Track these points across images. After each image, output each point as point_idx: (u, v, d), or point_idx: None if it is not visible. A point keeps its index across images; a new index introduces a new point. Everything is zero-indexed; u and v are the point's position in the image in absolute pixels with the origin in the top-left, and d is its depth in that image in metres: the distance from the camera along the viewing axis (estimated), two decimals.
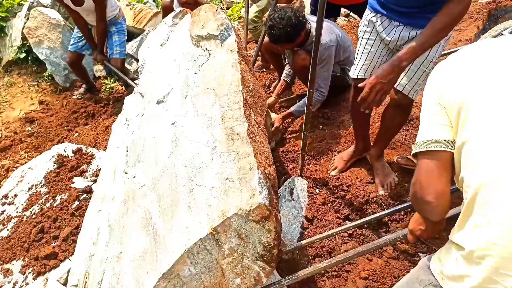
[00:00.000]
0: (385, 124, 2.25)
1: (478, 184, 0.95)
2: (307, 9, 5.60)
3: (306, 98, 2.21)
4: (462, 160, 1.01)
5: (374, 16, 2.06)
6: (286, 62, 3.44)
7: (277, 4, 3.62)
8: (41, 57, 5.02)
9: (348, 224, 1.98)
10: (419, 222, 1.38)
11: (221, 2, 7.73)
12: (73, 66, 4.44)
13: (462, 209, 1.02)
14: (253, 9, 4.22)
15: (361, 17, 2.30)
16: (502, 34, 1.16)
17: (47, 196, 2.76)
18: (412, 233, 1.42)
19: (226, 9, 7.23)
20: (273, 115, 3.12)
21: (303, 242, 1.99)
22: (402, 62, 1.72)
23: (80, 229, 2.23)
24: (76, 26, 4.23)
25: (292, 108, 3.10)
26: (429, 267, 1.11)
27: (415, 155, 1.13)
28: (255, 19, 4.19)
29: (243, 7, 6.58)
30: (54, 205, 2.66)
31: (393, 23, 2.00)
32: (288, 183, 2.47)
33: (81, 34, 4.21)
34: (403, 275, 1.93)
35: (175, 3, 3.98)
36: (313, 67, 1.98)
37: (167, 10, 4.08)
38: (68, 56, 4.38)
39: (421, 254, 1.98)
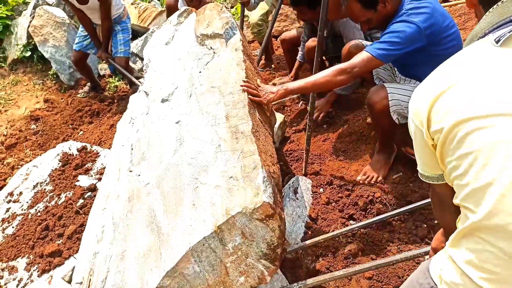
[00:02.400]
0: None
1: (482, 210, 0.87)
2: None
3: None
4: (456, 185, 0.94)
5: None
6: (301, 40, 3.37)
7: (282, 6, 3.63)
8: (46, 55, 5.05)
9: (353, 224, 1.98)
10: (442, 240, 1.39)
11: (225, 0, 7.73)
12: (78, 65, 4.46)
13: (459, 226, 0.97)
14: (258, 12, 4.14)
15: None
16: (486, 34, 1.02)
17: (52, 194, 2.77)
18: (435, 251, 1.43)
19: (231, 7, 7.22)
20: (278, 115, 3.10)
21: (307, 242, 2.00)
22: (283, 86, 1.99)
23: (84, 227, 2.24)
24: (81, 25, 4.25)
25: (338, 90, 3.03)
26: (428, 270, 1.08)
27: None
28: (260, 22, 4.14)
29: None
30: (59, 203, 2.67)
31: None
32: (292, 182, 2.47)
33: (86, 33, 4.22)
34: (407, 275, 1.92)
35: (180, 2, 3.98)
36: (317, 57, 2.09)
37: (171, 9, 4.08)
38: (73, 55, 4.40)
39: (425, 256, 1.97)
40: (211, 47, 2.20)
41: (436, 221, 2.12)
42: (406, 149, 2.36)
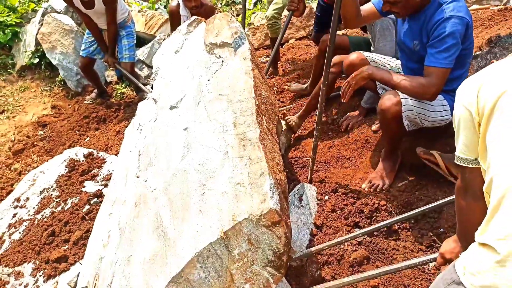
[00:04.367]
0: None
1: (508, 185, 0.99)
2: None
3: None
4: (489, 160, 1.07)
5: None
6: None
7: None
8: (54, 62, 5.10)
9: (358, 231, 1.98)
10: (452, 246, 1.44)
11: (231, 8, 7.79)
12: (85, 71, 4.50)
13: (488, 211, 1.05)
14: (271, 7, 4.22)
15: None
16: None
17: (58, 199, 2.78)
18: (443, 257, 1.45)
19: (236, 15, 7.28)
20: (283, 122, 3.12)
21: (313, 249, 2.00)
22: (369, 69, 2.22)
23: (90, 233, 2.25)
24: (86, 31, 4.30)
25: (362, 104, 3.04)
26: (454, 266, 1.13)
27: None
28: (276, 15, 4.20)
29: (253, 13, 6.63)
30: (65, 208, 2.69)
31: None
32: (297, 189, 2.47)
33: (92, 39, 4.27)
34: (413, 284, 1.91)
35: (181, 8, 4.02)
36: (327, 65, 2.08)
37: (173, 15, 4.13)
38: (80, 61, 4.44)
39: (431, 264, 1.96)
40: (220, 56, 2.22)
41: (442, 229, 2.12)
42: (420, 153, 2.34)
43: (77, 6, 3.93)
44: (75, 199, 2.73)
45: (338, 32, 4.50)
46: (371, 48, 3.00)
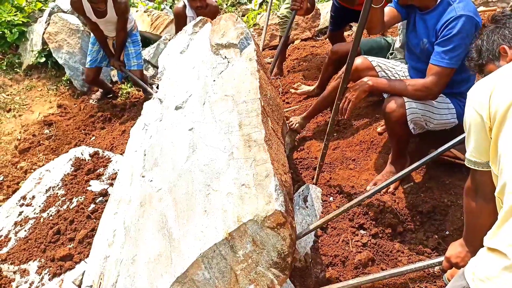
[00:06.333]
0: None
1: None
2: (322, 17, 5.63)
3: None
4: (502, 166, 1.06)
5: None
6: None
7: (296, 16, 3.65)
8: (60, 61, 5.13)
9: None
10: (458, 251, 1.44)
11: (236, 9, 7.80)
12: (92, 82, 4.60)
13: (500, 216, 1.04)
14: (284, 6, 4.26)
15: None
16: None
17: (64, 198, 2.80)
18: (448, 261, 1.45)
19: (242, 16, 7.28)
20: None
21: (311, 226, 2.00)
22: (369, 81, 2.18)
23: (95, 232, 2.26)
24: (90, 42, 4.39)
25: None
26: (463, 273, 1.12)
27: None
28: (288, 14, 4.21)
29: (258, 14, 6.62)
30: (71, 207, 2.70)
31: None
32: (302, 191, 2.47)
33: (97, 48, 4.35)
34: (418, 286, 1.91)
35: (187, 9, 4.02)
36: (344, 80, 2.02)
37: (179, 16, 4.14)
38: (87, 74, 4.47)
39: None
40: (225, 57, 2.23)
41: (447, 232, 2.11)
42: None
43: (89, 15, 3.99)
44: (81, 198, 2.75)
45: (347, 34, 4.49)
46: (398, 44, 2.93)
